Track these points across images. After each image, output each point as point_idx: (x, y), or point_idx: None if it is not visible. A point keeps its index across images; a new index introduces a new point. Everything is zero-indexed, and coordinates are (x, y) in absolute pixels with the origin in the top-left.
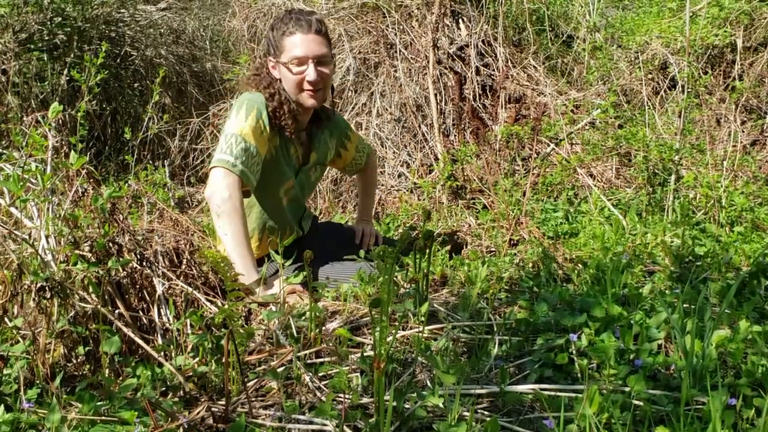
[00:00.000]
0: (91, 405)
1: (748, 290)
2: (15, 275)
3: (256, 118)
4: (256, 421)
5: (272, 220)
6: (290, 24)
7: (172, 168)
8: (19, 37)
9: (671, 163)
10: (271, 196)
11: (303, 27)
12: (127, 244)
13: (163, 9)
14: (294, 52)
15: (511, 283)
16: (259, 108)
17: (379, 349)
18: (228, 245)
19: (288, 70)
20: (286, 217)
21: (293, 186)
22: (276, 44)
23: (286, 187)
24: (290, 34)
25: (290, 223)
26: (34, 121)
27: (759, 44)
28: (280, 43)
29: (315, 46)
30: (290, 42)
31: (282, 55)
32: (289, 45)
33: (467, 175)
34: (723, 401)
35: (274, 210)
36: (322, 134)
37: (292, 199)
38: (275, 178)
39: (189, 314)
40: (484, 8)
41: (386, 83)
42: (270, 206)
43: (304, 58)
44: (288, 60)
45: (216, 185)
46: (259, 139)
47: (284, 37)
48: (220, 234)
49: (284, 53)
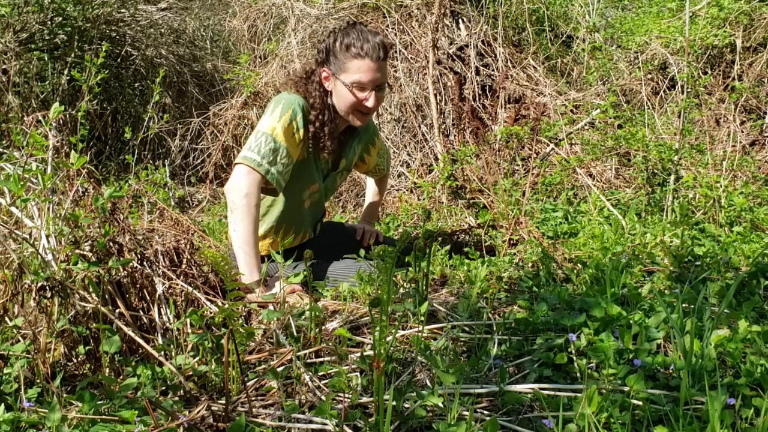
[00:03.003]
0: (91, 404)
1: (747, 290)
2: (15, 275)
3: (290, 118)
4: (256, 420)
5: (290, 222)
6: (359, 44)
7: (172, 168)
8: (20, 37)
9: (670, 163)
10: (294, 198)
11: (373, 53)
12: (127, 244)
13: (164, 9)
14: (359, 76)
15: (511, 283)
16: (295, 109)
17: (379, 349)
18: (235, 242)
19: (347, 90)
20: (305, 220)
21: (317, 190)
22: (339, 60)
23: (311, 190)
24: (359, 57)
25: (307, 226)
26: (34, 121)
27: (758, 44)
28: (346, 62)
29: (380, 74)
30: (357, 66)
31: (344, 75)
32: (355, 68)
33: (467, 175)
34: (722, 401)
35: (295, 212)
36: (353, 141)
37: (314, 203)
38: (302, 181)
39: (189, 314)
40: (484, 9)
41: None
42: (292, 208)
43: (368, 84)
44: (350, 82)
45: (236, 181)
46: (291, 140)
47: (352, 58)
48: (230, 229)
49: (347, 73)
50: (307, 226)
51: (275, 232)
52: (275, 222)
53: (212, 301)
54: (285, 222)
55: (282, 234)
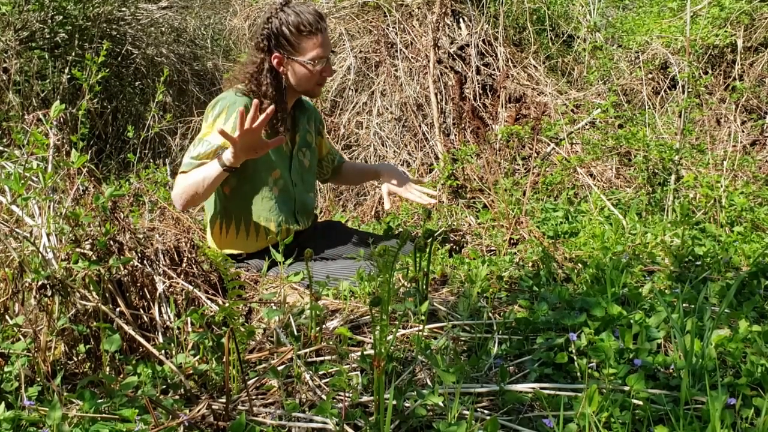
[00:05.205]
0: (91, 403)
1: (747, 290)
2: (16, 273)
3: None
4: (256, 419)
5: (261, 213)
6: (307, 22)
7: (173, 166)
8: (21, 36)
9: (671, 163)
10: (258, 187)
11: (320, 25)
12: (128, 243)
13: (165, 7)
14: (317, 52)
15: (511, 282)
16: (231, 110)
17: (379, 348)
18: (198, 178)
19: (306, 68)
20: (279, 209)
21: (281, 176)
22: (292, 42)
23: (274, 177)
24: (312, 35)
25: (284, 215)
26: (35, 120)
27: (759, 44)
28: (300, 42)
29: (330, 43)
30: (313, 43)
31: (300, 55)
32: (312, 45)
33: (467, 174)
34: (722, 401)
35: (262, 202)
36: (303, 117)
37: (282, 190)
38: (262, 167)
39: (190, 312)
40: (485, 8)
41: (387, 82)
42: (258, 199)
43: (325, 57)
44: (309, 59)
45: (175, 187)
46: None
47: (305, 38)
48: (191, 189)
49: (304, 53)
50: (284, 215)
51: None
52: (247, 215)
53: (213, 300)
54: (257, 214)
55: (260, 228)
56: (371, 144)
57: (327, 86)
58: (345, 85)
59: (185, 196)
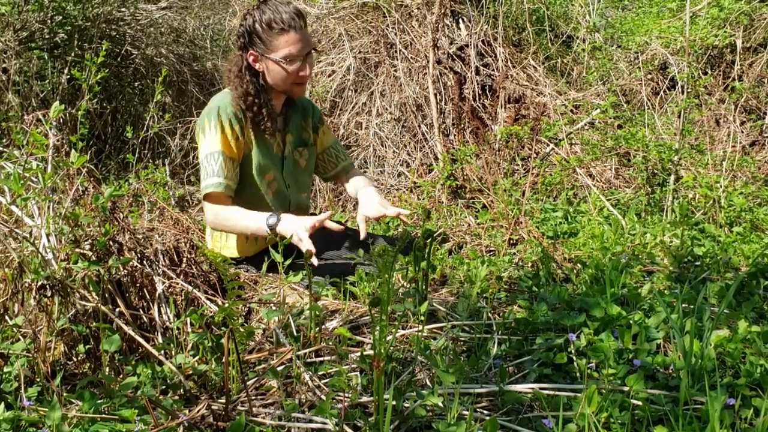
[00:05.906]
0: (91, 403)
1: (746, 291)
2: (16, 273)
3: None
4: (256, 419)
5: None
6: (279, 19)
7: (172, 167)
8: (20, 36)
9: (670, 163)
10: (252, 190)
11: (295, 24)
12: (127, 243)
13: (164, 8)
14: (289, 50)
15: (511, 282)
16: (214, 113)
17: (379, 349)
18: (238, 224)
19: (280, 66)
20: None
21: (274, 178)
22: (264, 40)
23: (268, 179)
24: (284, 32)
25: None
26: (34, 120)
27: (758, 45)
28: (272, 39)
29: (307, 42)
30: (285, 40)
31: (273, 53)
32: (283, 43)
33: (467, 174)
34: (721, 401)
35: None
36: (295, 115)
37: (276, 192)
38: (256, 171)
39: (189, 313)
40: (484, 8)
41: (386, 83)
42: (252, 202)
43: (299, 55)
44: (282, 57)
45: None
46: (236, 144)
47: (277, 35)
48: (229, 230)
49: (276, 51)
50: None
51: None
52: None
53: (212, 300)
54: None
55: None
56: (371, 144)
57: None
58: (344, 86)
59: (219, 227)
